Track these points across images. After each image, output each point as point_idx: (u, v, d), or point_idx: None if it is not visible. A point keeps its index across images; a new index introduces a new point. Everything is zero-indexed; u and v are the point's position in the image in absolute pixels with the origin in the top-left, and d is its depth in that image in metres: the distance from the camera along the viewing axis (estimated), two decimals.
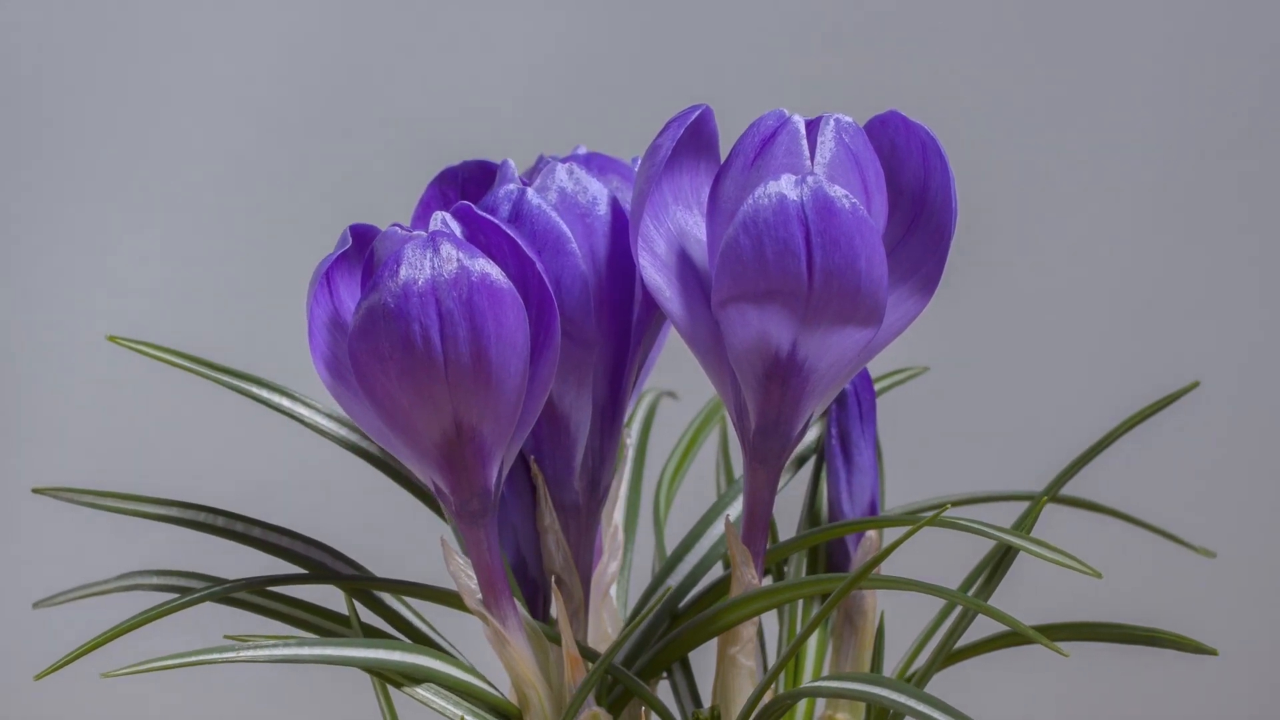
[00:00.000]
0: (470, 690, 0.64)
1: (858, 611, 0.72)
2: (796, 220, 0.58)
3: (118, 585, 0.69)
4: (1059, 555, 0.60)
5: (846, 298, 0.59)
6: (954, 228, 0.62)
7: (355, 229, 0.63)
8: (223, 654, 0.58)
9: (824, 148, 0.60)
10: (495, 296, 0.59)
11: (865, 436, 0.72)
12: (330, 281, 0.62)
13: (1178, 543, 0.77)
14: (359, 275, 0.63)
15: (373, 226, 0.63)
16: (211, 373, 0.70)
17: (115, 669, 0.56)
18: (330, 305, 0.62)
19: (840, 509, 0.72)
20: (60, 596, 0.71)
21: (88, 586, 0.70)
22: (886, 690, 0.57)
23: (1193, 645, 0.66)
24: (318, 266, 0.62)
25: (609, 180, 0.67)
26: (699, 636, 0.66)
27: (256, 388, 0.70)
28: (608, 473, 0.69)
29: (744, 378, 0.62)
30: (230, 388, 0.70)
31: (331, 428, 0.71)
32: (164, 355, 0.69)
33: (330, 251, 0.62)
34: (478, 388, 0.59)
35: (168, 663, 0.56)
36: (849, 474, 0.72)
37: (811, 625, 0.59)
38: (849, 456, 0.72)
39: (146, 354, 0.69)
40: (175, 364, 0.69)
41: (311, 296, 0.62)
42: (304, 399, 0.71)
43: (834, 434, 0.72)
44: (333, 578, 0.68)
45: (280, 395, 0.71)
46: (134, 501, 0.68)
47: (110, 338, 0.69)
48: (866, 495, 0.73)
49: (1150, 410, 0.72)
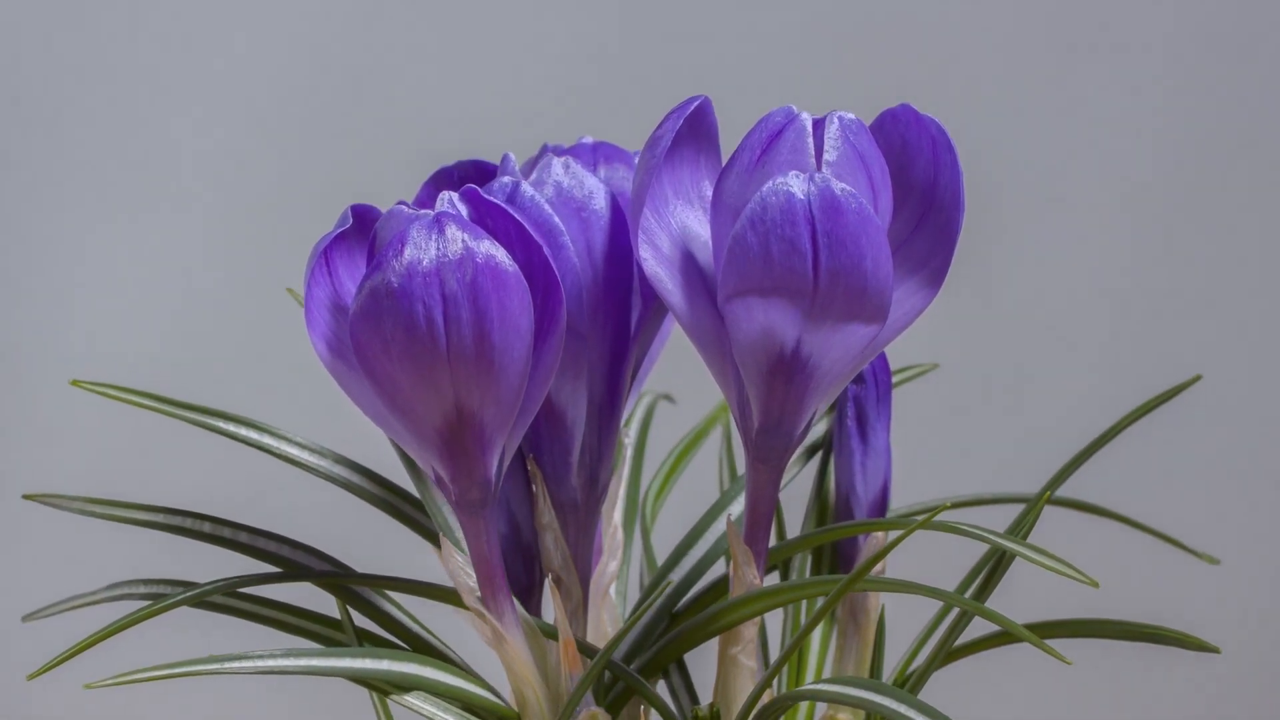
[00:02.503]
0: (462, 696, 0.63)
1: (861, 609, 0.72)
2: (803, 219, 0.58)
3: (106, 596, 0.68)
4: (1055, 562, 0.59)
5: (852, 296, 0.59)
6: (962, 222, 0.61)
7: (356, 209, 0.62)
8: (206, 665, 0.57)
9: (831, 145, 0.59)
10: (500, 279, 0.58)
11: (881, 419, 0.72)
12: (329, 261, 0.61)
13: (1181, 548, 0.77)
14: (359, 256, 0.62)
15: (374, 207, 0.62)
16: (176, 410, 0.69)
17: (99, 680, 0.55)
18: (330, 286, 0.61)
19: (854, 491, 0.72)
20: (48, 609, 0.70)
21: (76, 598, 0.69)
22: (885, 698, 0.56)
23: (1196, 643, 0.65)
24: (316, 244, 0.61)
25: (615, 169, 0.67)
26: (700, 636, 0.66)
27: (223, 422, 0.70)
28: (606, 470, 0.68)
29: (747, 373, 0.62)
30: (195, 423, 0.69)
31: (304, 457, 0.70)
32: (127, 397, 0.68)
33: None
34: (480, 371, 0.58)
35: (151, 674, 0.56)
36: (865, 455, 0.71)
37: (807, 628, 0.58)
38: (865, 437, 0.71)
39: (110, 396, 0.68)
40: (139, 404, 0.68)
41: (310, 275, 0.61)
42: (271, 429, 0.70)
43: (850, 414, 0.71)
44: (308, 575, 0.67)
45: (246, 428, 0.70)
46: (121, 508, 0.68)
47: (74, 382, 0.69)
48: (880, 479, 0.72)
49: (1153, 404, 0.72)
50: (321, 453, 0.70)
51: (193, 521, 0.68)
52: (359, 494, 0.70)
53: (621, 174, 0.67)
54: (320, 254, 0.61)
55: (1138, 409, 0.71)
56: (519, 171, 0.65)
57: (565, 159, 0.65)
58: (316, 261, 0.61)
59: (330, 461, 0.71)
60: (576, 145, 0.68)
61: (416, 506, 0.71)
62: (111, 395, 0.68)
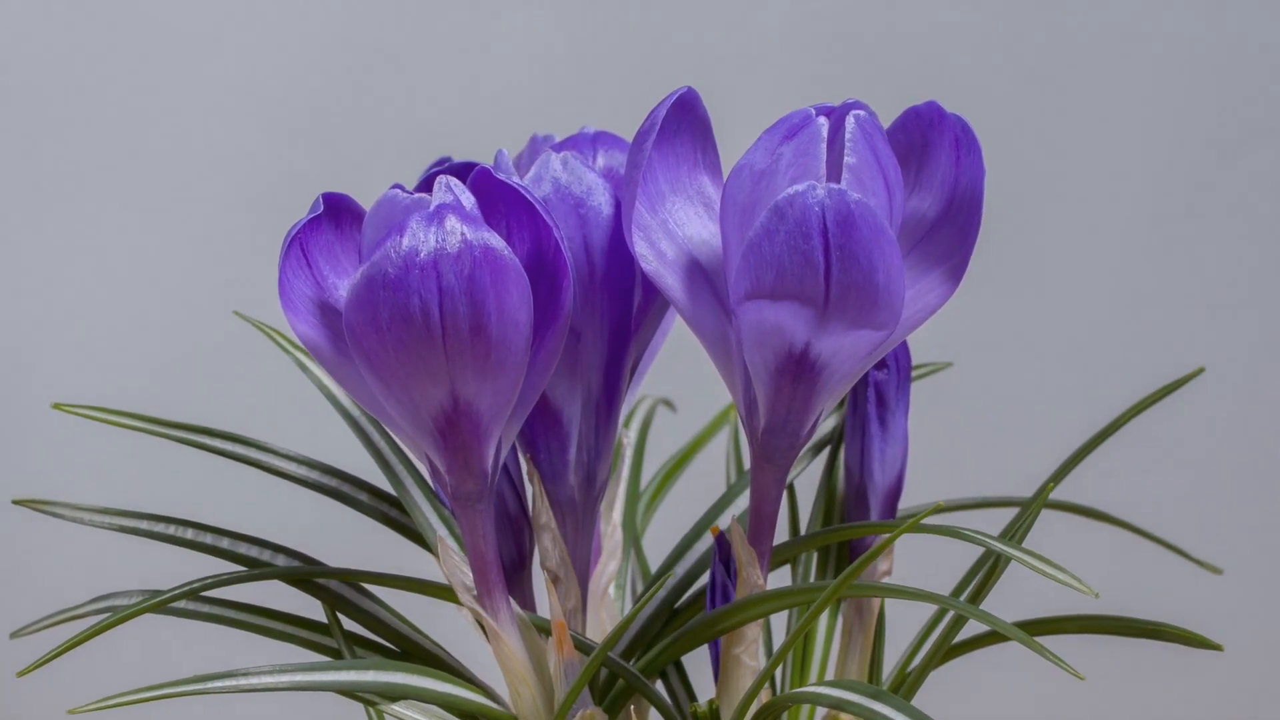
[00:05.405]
0: (452, 702, 0.62)
1: (866, 607, 0.71)
2: (818, 231, 0.57)
3: (92, 608, 0.68)
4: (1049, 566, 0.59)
5: (863, 307, 0.59)
6: (980, 222, 0.61)
7: (328, 197, 0.61)
8: (191, 686, 0.56)
9: (850, 150, 0.59)
10: (499, 273, 0.57)
11: (900, 405, 0.71)
12: (305, 248, 0.61)
13: (1182, 555, 0.77)
14: (335, 244, 0.62)
15: (347, 196, 0.62)
16: (161, 429, 0.69)
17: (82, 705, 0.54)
18: (311, 279, 0.61)
19: (871, 477, 0.71)
20: (35, 625, 0.70)
21: (63, 611, 0.69)
22: (883, 705, 0.56)
23: (1198, 640, 0.65)
24: (289, 231, 0.60)
25: (615, 158, 0.67)
26: (702, 637, 0.65)
27: (208, 438, 0.69)
28: (604, 468, 0.68)
29: (755, 372, 0.61)
30: (181, 441, 0.69)
31: (291, 469, 0.70)
32: (110, 418, 0.68)
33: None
34: (476, 362, 0.58)
35: (136, 697, 0.55)
36: (884, 441, 0.71)
37: (796, 632, 0.58)
38: (884, 422, 0.71)
39: (94, 418, 0.68)
40: (123, 425, 0.68)
41: (285, 261, 0.60)
42: (258, 443, 0.70)
43: (871, 398, 0.71)
44: (275, 573, 0.67)
45: (234, 443, 0.70)
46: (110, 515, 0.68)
47: (56, 405, 0.68)
48: (897, 466, 0.71)
49: (1155, 398, 0.71)
50: (310, 464, 0.70)
51: (176, 528, 0.68)
52: (351, 504, 0.70)
53: (622, 163, 0.67)
54: (294, 240, 0.60)
55: (1140, 402, 0.71)
56: (513, 167, 0.64)
57: (564, 155, 0.64)
58: (291, 248, 0.60)
59: (320, 473, 0.70)
60: (577, 135, 0.67)
61: (404, 512, 0.70)
62: (96, 417, 0.68)
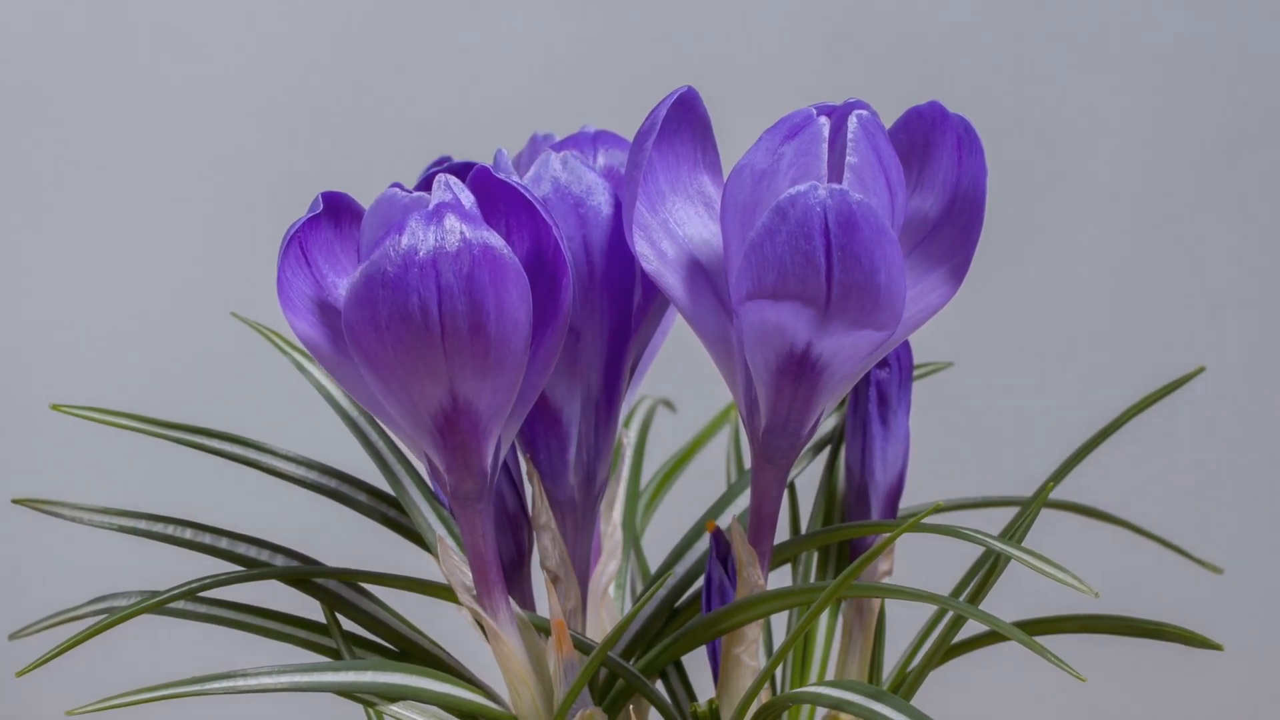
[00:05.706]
0: (452, 702, 0.62)
1: (866, 607, 0.71)
2: (819, 232, 0.57)
3: (90, 609, 0.68)
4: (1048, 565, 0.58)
5: (865, 307, 0.59)
6: (983, 221, 0.60)
7: (328, 196, 0.61)
8: (189, 688, 0.56)
9: (852, 150, 0.58)
10: (498, 271, 0.57)
11: (902, 404, 0.71)
12: (304, 245, 0.61)
13: (1183, 555, 0.77)
14: (335, 242, 0.62)
15: (346, 195, 0.62)
16: (159, 430, 0.69)
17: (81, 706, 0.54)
18: (311, 277, 0.61)
19: (872, 476, 0.71)
20: (34, 626, 0.70)
21: (62, 612, 0.69)
22: (884, 705, 0.56)
23: (1198, 640, 0.65)
24: (288, 229, 0.60)
25: (615, 157, 0.67)
26: (702, 638, 0.65)
27: (206, 439, 0.69)
28: (604, 468, 0.67)
29: (756, 371, 0.61)
30: (180, 441, 0.69)
31: (290, 469, 0.70)
32: (109, 419, 0.68)
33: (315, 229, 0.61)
34: (475, 361, 0.58)
35: (135, 698, 0.55)
36: (885, 440, 0.71)
37: (795, 633, 0.57)
38: (886, 421, 0.71)
39: (93, 419, 0.68)
40: (122, 426, 0.68)
41: (284, 259, 0.60)
42: (256, 443, 0.70)
43: (873, 397, 0.70)
44: (274, 573, 0.67)
45: (233, 444, 0.70)
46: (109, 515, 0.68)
47: (54, 406, 0.68)
48: (899, 465, 0.71)
49: (1155, 397, 0.71)
50: (309, 464, 0.70)
51: (175, 528, 0.68)
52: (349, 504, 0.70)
53: (622, 161, 0.67)
54: (293, 239, 0.60)
55: (1140, 402, 0.71)
56: (513, 167, 0.64)
57: (564, 154, 0.64)
58: (290, 246, 0.60)
59: (318, 473, 0.70)
60: (577, 134, 0.67)
61: (403, 512, 0.70)
62: (95, 418, 0.68)
